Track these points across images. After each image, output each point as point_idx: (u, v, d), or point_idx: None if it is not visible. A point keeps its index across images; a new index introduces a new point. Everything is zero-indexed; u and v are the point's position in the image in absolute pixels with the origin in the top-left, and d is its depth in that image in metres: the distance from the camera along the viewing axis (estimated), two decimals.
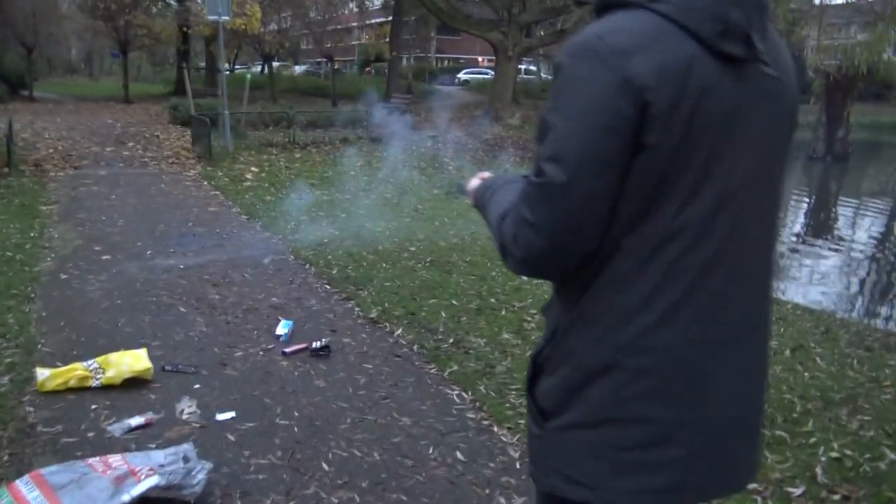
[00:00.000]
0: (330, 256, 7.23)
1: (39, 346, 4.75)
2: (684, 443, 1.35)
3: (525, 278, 6.83)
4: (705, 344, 1.34)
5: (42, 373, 4.05)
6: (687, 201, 1.26)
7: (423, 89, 38.56)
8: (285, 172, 13.26)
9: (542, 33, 29.85)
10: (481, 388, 4.26)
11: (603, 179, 1.25)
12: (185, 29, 29.93)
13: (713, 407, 1.37)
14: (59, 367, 4.34)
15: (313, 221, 9.08)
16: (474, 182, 1.76)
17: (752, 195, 1.34)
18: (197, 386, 4.14)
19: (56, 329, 5.05)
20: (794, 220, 15.74)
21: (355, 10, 44.25)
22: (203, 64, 40.79)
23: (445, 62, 59.75)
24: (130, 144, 16.37)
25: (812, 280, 10.08)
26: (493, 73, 46.71)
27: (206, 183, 11.86)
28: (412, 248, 7.86)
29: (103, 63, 66.59)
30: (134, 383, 4.10)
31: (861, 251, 12.31)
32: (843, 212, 17.33)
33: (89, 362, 4.14)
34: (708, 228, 1.28)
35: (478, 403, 4.07)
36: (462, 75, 50.11)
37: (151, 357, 4.40)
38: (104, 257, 7.01)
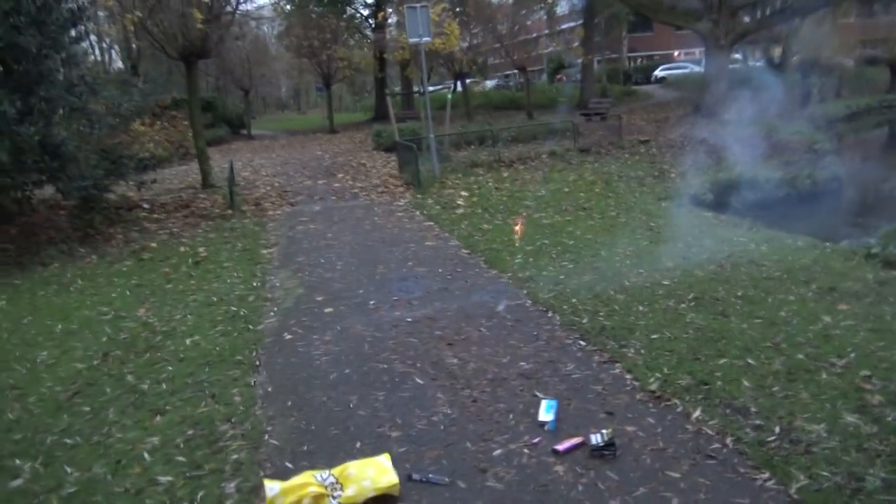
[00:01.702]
0: (574, 300, 6.11)
1: (266, 436, 4.07)
2: None
3: (829, 318, 5.31)
4: None
5: (272, 488, 3.29)
6: None
7: (619, 91, 36.66)
8: (496, 195, 12.40)
9: (758, 15, 26.82)
10: None
11: None
12: (382, 56, 30.64)
13: None
14: (289, 469, 3.62)
15: (540, 252, 8.04)
16: None
17: None
18: None
19: (283, 412, 4.38)
20: None
21: (544, 17, 43.28)
22: (398, 88, 41.84)
23: (639, 60, 56.96)
24: (340, 175, 16.46)
25: None
26: (692, 66, 43.64)
27: (417, 213, 11.28)
28: (666, 283, 6.54)
29: (309, 97, 71.22)
30: (378, 502, 3.23)
31: None
32: None
33: (325, 475, 3.33)
34: None
35: None
36: (658, 72, 47.27)
37: (394, 458, 3.54)
38: (327, 310, 6.42)
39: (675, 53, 53.94)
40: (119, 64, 38.86)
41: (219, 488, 3.55)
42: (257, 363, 5.27)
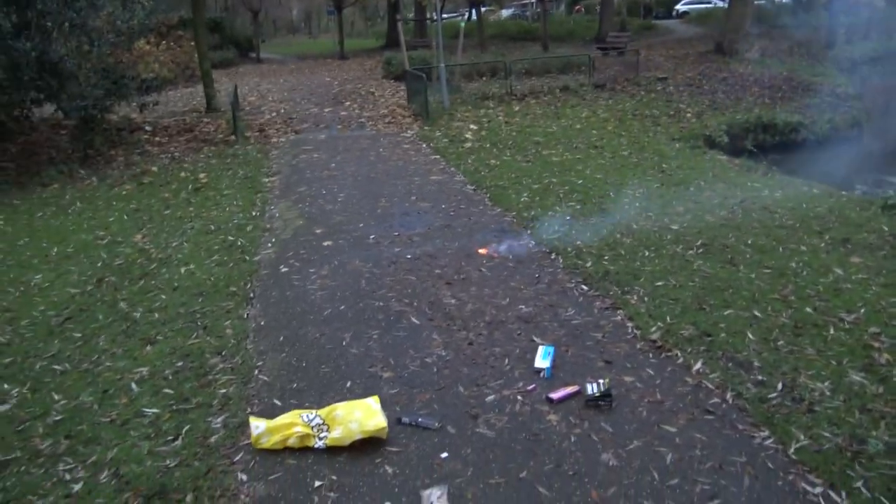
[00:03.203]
0: (578, 242, 5.94)
1: (256, 371, 3.99)
2: None
3: (841, 271, 5.14)
4: None
5: (257, 426, 3.22)
6: None
7: (639, 25, 35.56)
8: (506, 129, 12.08)
9: None
10: (858, 484, 2.80)
11: None
12: None
13: None
14: (277, 406, 3.55)
15: (547, 191, 7.83)
16: None
17: None
18: (444, 455, 3.10)
19: (275, 347, 4.29)
20: None
21: None
22: (412, 14, 40.73)
23: None
24: (347, 104, 16.10)
25: None
26: (716, 1, 42.19)
27: (424, 145, 11.02)
28: (674, 227, 6.36)
29: (320, 21, 69.55)
30: (365, 445, 3.15)
31: None
32: None
33: (311, 416, 3.24)
34: None
35: None
36: (681, 6, 45.76)
37: (384, 400, 3.45)
38: (325, 243, 6.29)
39: None
40: None
41: (205, 423, 3.48)
42: (251, 295, 5.17)
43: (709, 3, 43.70)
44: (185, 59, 24.47)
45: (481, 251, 5.90)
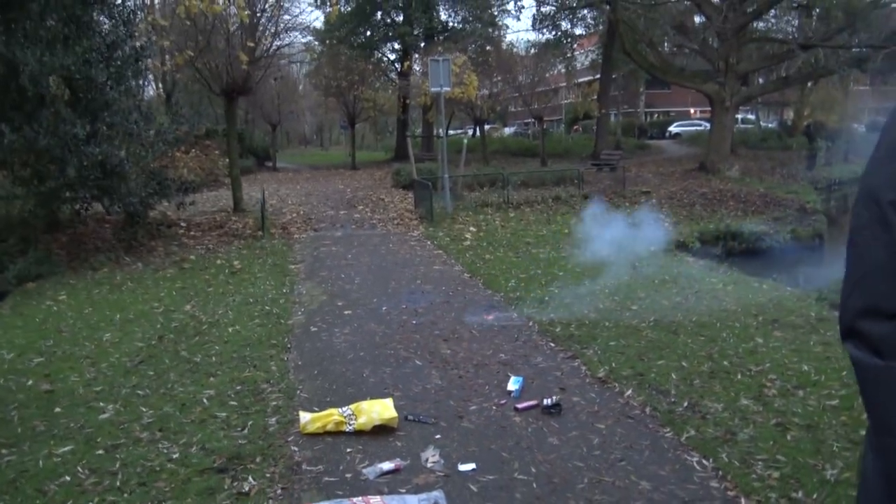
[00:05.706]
0: (553, 315, 7.31)
1: (298, 391, 5.28)
2: None
3: (761, 340, 6.45)
4: None
5: (304, 416, 4.50)
6: None
7: (633, 144, 38.11)
8: (501, 232, 13.68)
9: (760, 81, 28.34)
10: (723, 455, 4.05)
11: None
12: (405, 100, 32.35)
13: None
14: (316, 411, 4.81)
15: (532, 279, 9.25)
16: None
17: None
18: (437, 436, 4.37)
19: (311, 377, 5.59)
20: None
21: (562, 70, 45.07)
22: (420, 130, 43.56)
23: (655, 115, 58.65)
24: (360, 208, 17.83)
25: None
26: (706, 124, 45.17)
27: (428, 243, 12.58)
28: (634, 308, 7.72)
29: (332, 134, 73.35)
30: (382, 430, 4.42)
31: None
32: None
33: (344, 409, 4.54)
34: None
35: (720, 472, 3.88)
36: (673, 128, 48.81)
37: (395, 407, 4.73)
38: (346, 312, 7.67)
39: (692, 111, 55.47)
40: (151, 91, 40.66)
41: (263, 421, 4.74)
42: (289, 346, 6.49)
43: (699, 125, 46.61)
44: (209, 165, 26.66)
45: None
